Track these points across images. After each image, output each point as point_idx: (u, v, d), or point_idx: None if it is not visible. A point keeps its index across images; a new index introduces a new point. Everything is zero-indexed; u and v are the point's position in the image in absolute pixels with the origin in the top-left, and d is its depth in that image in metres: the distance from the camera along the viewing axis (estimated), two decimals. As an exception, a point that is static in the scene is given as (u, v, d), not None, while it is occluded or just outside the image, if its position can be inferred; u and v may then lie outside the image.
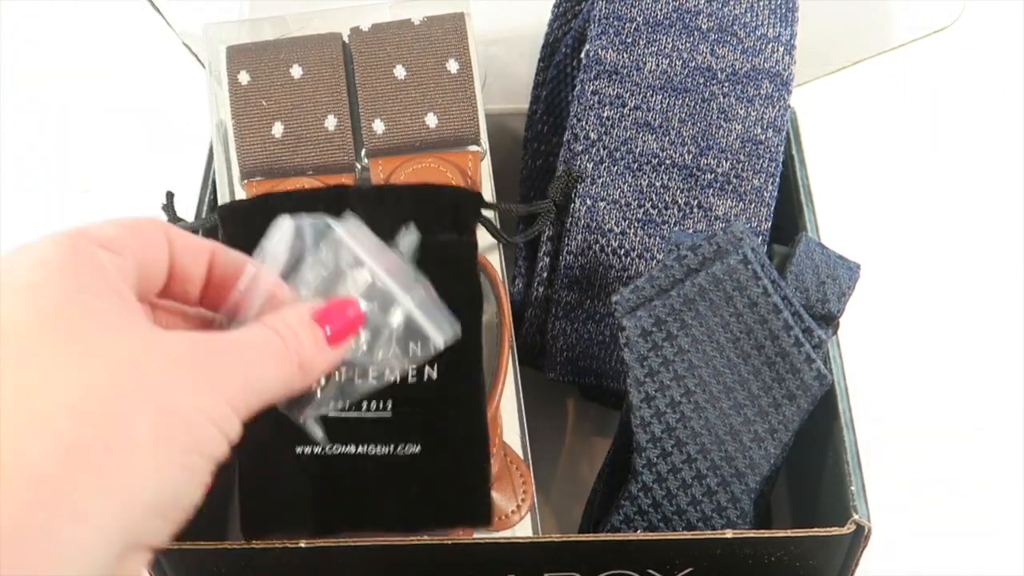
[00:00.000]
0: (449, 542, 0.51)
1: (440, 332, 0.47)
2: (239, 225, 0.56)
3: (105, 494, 0.32)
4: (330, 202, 0.56)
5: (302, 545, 0.50)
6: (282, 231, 0.45)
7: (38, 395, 0.33)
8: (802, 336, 0.53)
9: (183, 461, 0.34)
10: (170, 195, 0.60)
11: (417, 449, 0.52)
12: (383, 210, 0.56)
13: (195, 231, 0.60)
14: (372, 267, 0.47)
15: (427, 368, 0.54)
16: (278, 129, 0.61)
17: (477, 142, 0.62)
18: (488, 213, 0.60)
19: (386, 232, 0.56)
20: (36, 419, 0.32)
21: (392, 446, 0.52)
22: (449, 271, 0.55)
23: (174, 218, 0.60)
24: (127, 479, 0.33)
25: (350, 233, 0.47)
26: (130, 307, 0.37)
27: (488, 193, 0.62)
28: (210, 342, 0.38)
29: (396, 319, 0.47)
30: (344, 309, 0.43)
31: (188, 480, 0.35)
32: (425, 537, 0.51)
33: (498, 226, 0.61)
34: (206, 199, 0.66)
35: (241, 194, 0.62)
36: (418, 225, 0.56)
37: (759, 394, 0.54)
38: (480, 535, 0.54)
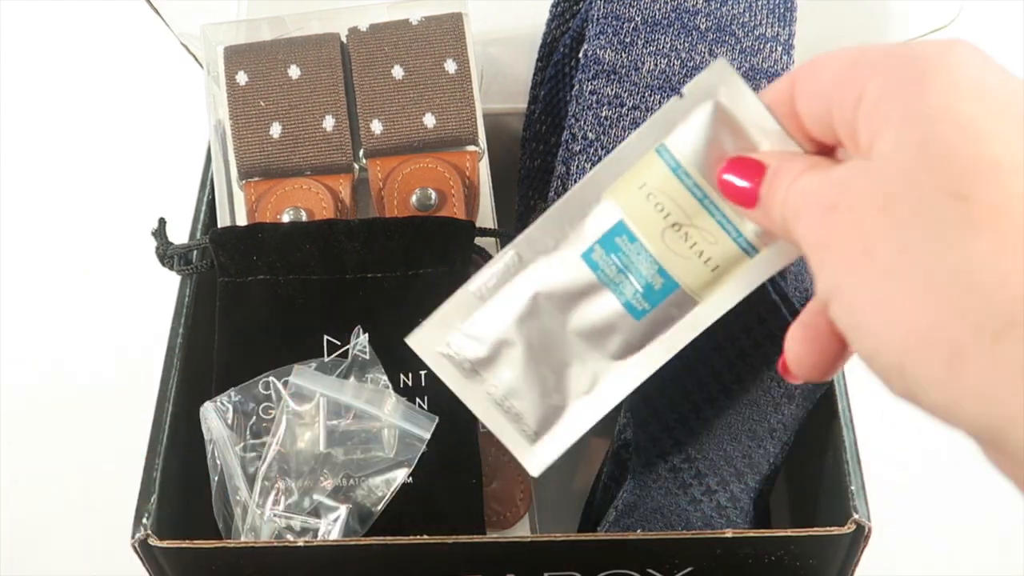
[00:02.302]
0: (449, 542, 0.51)
1: (423, 428, 0.50)
2: (229, 252, 0.57)
3: None
4: (318, 236, 0.56)
5: (301, 544, 0.50)
6: (209, 419, 0.47)
7: None
8: (801, 335, 0.53)
9: None
10: (162, 221, 0.60)
11: (410, 480, 0.53)
12: (371, 244, 0.56)
13: (188, 252, 0.60)
14: (344, 400, 0.49)
15: (418, 400, 0.55)
16: (276, 129, 0.61)
17: (475, 142, 0.62)
18: (489, 239, 0.60)
19: (375, 266, 0.56)
20: None
21: (385, 476, 0.53)
22: (438, 304, 0.56)
23: (165, 243, 0.59)
24: None
25: (305, 379, 0.49)
26: None
27: (486, 194, 0.62)
28: None
29: (384, 434, 0.50)
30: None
31: None
32: (425, 537, 0.51)
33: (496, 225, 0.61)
34: (204, 199, 0.66)
35: (240, 195, 0.62)
36: (408, 258, 0.56)
37: (758, 394, 0.54)
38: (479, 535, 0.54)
